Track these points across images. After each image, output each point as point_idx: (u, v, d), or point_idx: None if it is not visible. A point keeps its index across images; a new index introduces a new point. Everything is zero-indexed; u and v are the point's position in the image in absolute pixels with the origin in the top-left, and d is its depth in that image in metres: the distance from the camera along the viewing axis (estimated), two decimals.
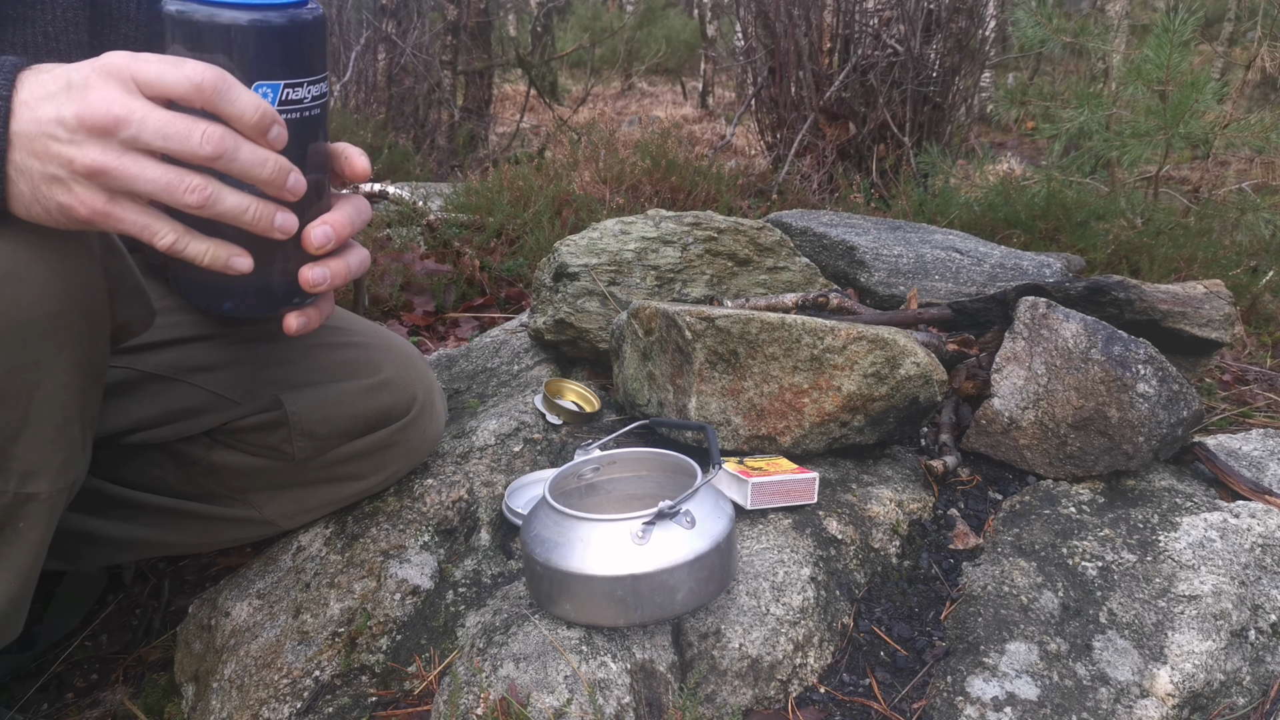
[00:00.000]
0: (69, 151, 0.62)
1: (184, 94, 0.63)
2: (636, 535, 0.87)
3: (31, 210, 0.64)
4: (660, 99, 9.94)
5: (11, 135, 0.62)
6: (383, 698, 0.98)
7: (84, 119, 0.61)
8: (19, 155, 0.62)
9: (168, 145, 0.63)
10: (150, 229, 0.65)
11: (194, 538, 1.15)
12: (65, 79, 0.63)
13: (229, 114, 0.65)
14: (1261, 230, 2.63)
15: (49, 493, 0.81)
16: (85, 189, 0.63)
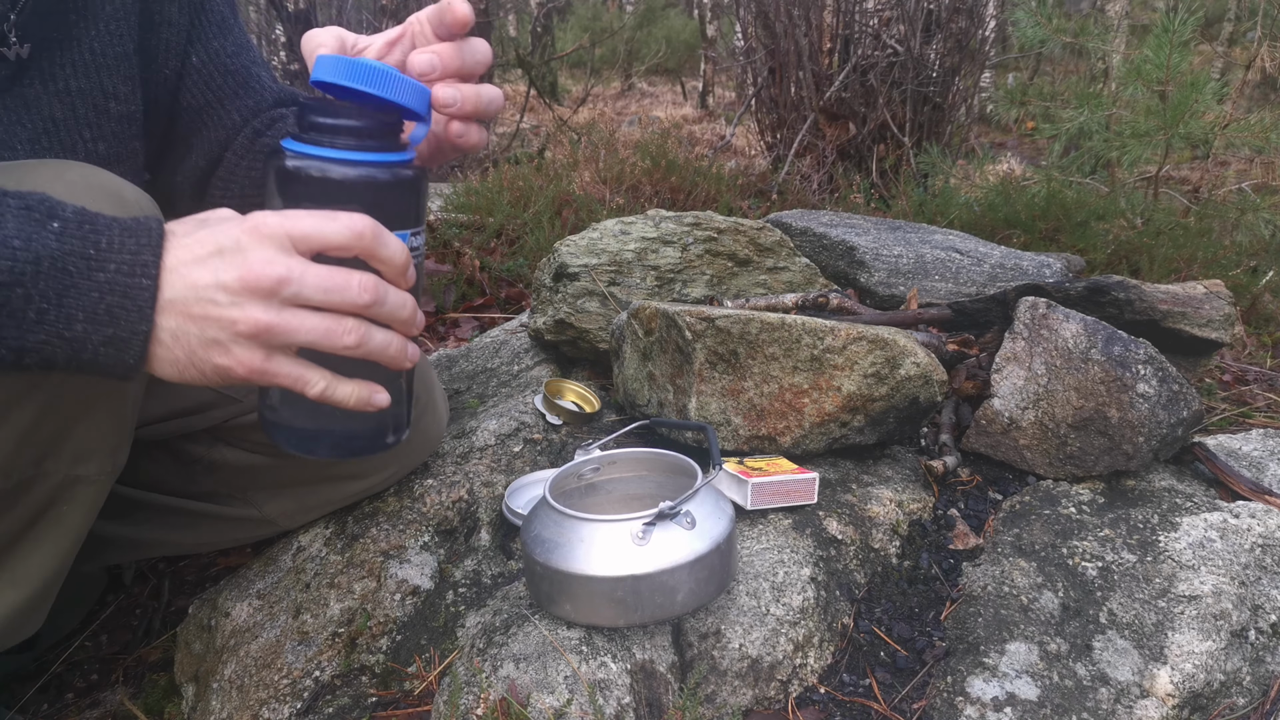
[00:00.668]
0: (231, 314, 0.62)
1: (343, 245, 0.65)
2: (637, 536, 0.87)
3: (185, 374, 0.64)
4: (660, 99, 9.94)
5: (164, 303, 0.62)
6: (383, 698, 0.98)
7: (248, 282, 0.62)
8: (173, 321, 0.63)
9: (328, 298, 0.65)
10: (304, 379, 0.67)
11: (194, 537, 1.15)
12: (214, 243, 0.63)
13: (381, 259, 0.66)
14: (1261, 230, 2.63)
15: (97, 475, 0.82)
16: (245, 349, 0.63)
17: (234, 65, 1.01)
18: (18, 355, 0.59)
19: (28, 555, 0.83)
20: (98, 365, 0.61)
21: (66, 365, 0.61)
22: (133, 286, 0.61)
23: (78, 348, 0.60)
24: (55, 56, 0.84)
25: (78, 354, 0.60)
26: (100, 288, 0.60)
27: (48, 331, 0.59)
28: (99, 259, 0.60)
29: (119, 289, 0.60)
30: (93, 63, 0.86)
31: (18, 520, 0.80)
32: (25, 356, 0.59)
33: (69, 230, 0.60)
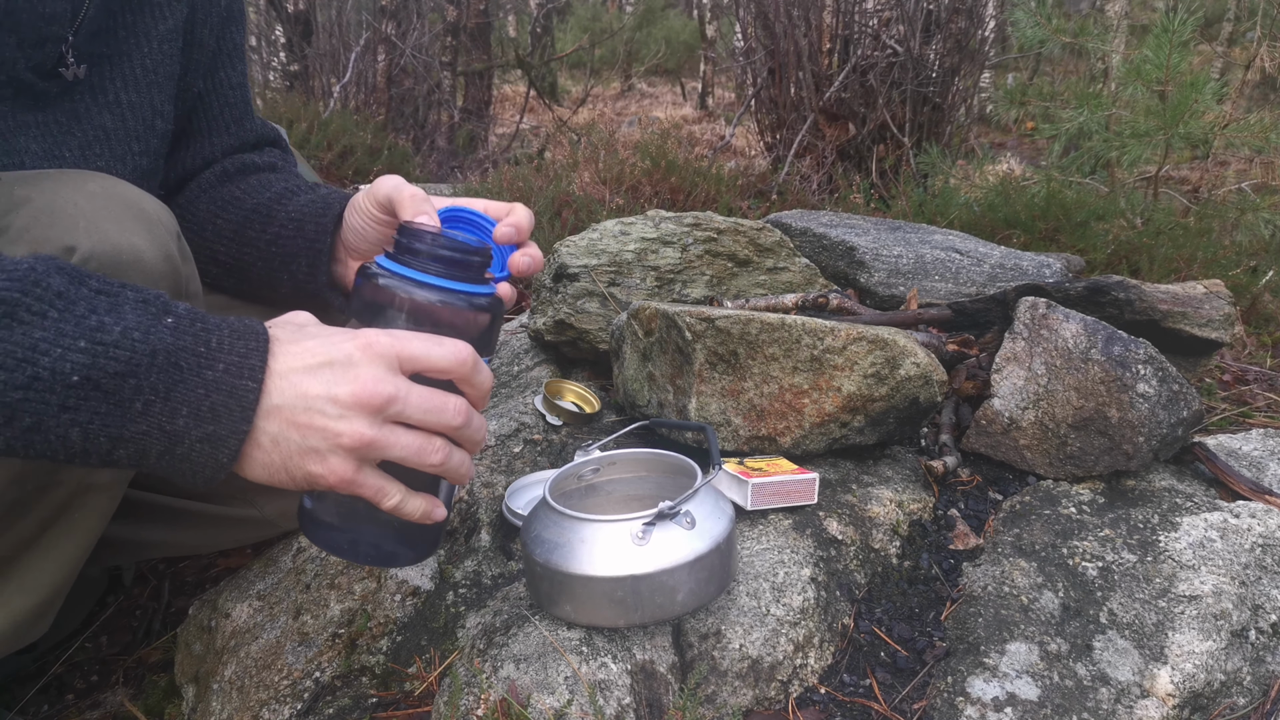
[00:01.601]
0: (338, 426, 0.63)
1: (447, 370, 0.68)
2: (637, 536, 0.87)
3: (274, 476, 0.65)
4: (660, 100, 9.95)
5: (270, 408, 0.63)
6: (383, 699, 0.98)
7: (359, 398, 0.64)
8: (275, 426, 0.63)
9: (425, 419, 0.67)
10: (384, 491, 0.68)
11: (195, 537, 1.15)
12: (325, 354, 0.65)
13: (473, 384, 0.70)
14: (1261, 230, 2.63)
15: (110, 483, 0.83)
16: (341, 459, 0.65)
17: (233, 98, 1.02)
18: (112, 445, 0.59)
19: (39, 562, 0.83)
20: (189, 461, 0.61)
21: (157, 460, 0.60)
22: (238, 387, 0.62)
23: (174, 441, 0.60)
24: (105, 71, 0.85)
25: (172, 448, 0.60)
26: (208, 385, 0.61)
27: (150, 423, 0.59)
28: (209, 357, 0.61)
29: (225, 388, 0.61)
30: (144, 79, 0.88)
31: (30, 527, 0.81)
32: (120, 447, 0.59)
33: (182, 326, 0.61)
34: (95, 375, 0.57)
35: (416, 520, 0.71)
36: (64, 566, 0.85)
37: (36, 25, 0.76)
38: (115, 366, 0.57)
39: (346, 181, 4.00)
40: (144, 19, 0.87)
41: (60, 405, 0.56)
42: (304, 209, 0.92)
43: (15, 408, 0.56)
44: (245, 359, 0.62)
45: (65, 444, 0.58)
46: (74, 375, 0.56)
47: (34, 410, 0.56)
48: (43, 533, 0.82)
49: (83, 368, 0.56)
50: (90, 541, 0.86)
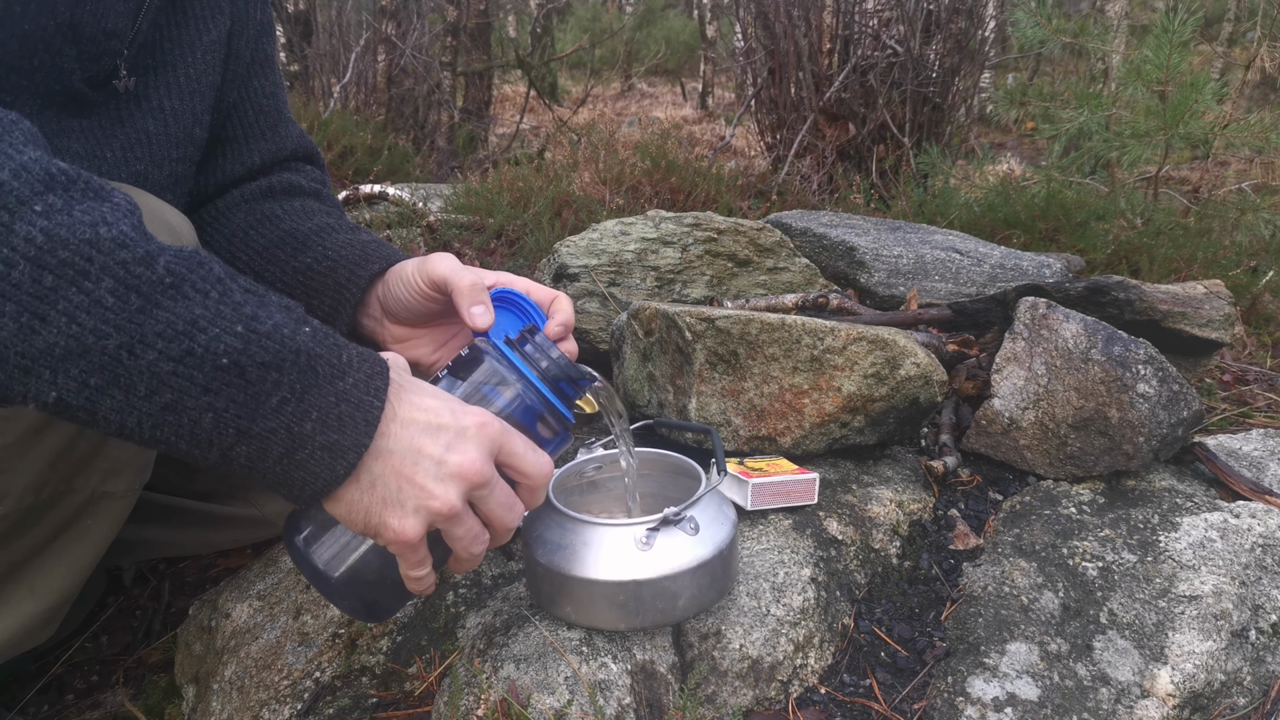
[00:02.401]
0: (435, 489, 0.65)
1: (530, 476, 0.71)
2: (640, 541, 0.87)
3: (351, 515, 0.65)
4: (660, 100, 9.95)
5: (383, 450, 0.64)
6: (383, 699, 0.98)
7: (464, 471, 0.65)
8: (380, 469, 0.64)
9: (495, 513, 0.70)
10: (423, 565, 0.70)
11: (195, 537, 1.15)
12: (444, 419, 0.66)
13: (535, 497, 0.74)
14: (1261, 230, 2.63)
15: (125, 491, 0.83)
16: (417, 520, 0.65)
17: (268, 106, 1.03)
18: (237, 438, 0.58)
19: (49, 568, 0.84)
20: (306, 469, 0.61)
21: (276, 462, 0.60)
22: (365, 404, 0.63)
23: (297, 445, 0.60)
24: (151, 81, 0.86)
25: (294, 451, 0.60)
26: (339, 395, 0.61)
27: (279, 422, 0.59)
28: (341, 370, 0.62)
29: (354, 400, 0.62)
30: (188, 88, 0.89)
31: (43, 533, 0.81)
32: (243, 443, 0.59)
33: (319, 336, 0.62)
34: (244, 362, 0.57)
35: (419, 592, 0.73)
36: (74, 573, 0.85)
37: (98, 39, 0.77)
38: (264, 357, 0.58)
39: (346, 181, 4.00)
40: (189, 32, 0.88)
41: (204, 386, 0.56)
42: (341, 250, 0.92)
43: (162, 380, 0.55)
44: (371, 380, 0.63)
45: (194, 429, 0.57)
46: (224, 358, 0.56)
47: (178, 386, 0.55)
48: (54, 539, 0.82)
49: (234, 352, 0.57)
50: (101, 549, 0.86)
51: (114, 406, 0.55)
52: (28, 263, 0.51)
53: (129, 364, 0.54)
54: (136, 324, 0.54)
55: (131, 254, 0.54)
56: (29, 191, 0.52)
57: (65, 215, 0.53)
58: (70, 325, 0.52)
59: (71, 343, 0.53)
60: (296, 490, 0.63)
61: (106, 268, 0.53)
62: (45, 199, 0.53)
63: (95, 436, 0.78)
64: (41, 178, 0.53)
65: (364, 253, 0.91)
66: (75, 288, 0.52)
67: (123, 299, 0.53)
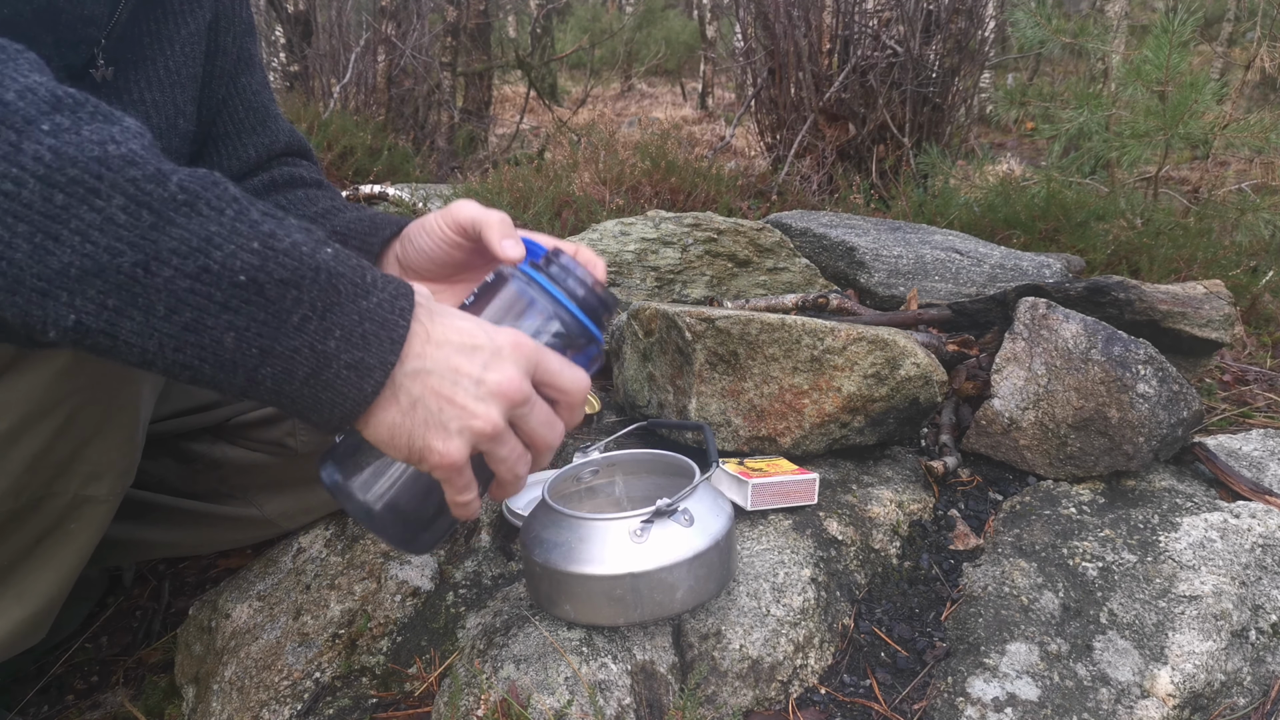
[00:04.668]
0: (476, 408, 0.64)
1: (569, 393, 0.69)
2: (635, 534, 0.87)
3: (395, 440, 0.64)
4: (660, 100, 9.95)
5: (418, 371, 0.63)
6: (383, 699, 0.98)
7: (504, 389, 0.64)
8: (419, 390, 0.63)
9: (537, 431, 0.68)
10: (470, 488, 0.69)
11: (195, 538, 1.15)
12: (478, 339, 0.65)
13: (575, 415, 0.72)
14: (1261, 230, 2.63)
15: (107, 495, 0.83)
16: (461, 442, 0.64)
17: (256, 102, 1.04)
18: (262, 358, 0.58)
19: (35, 572, 0.84)
20: (333, 389, 0.61)
21: (302, 384, 0.59)
22: (390, 322, 0.62)
23: (322, 364, 0.59)
24: (130, 74, 0.85)
25: (319, 371, 0.59)
26: (362, 313, 0.60)
27: (302, 340, 0.58)
28: (364, 289, 0.61)
29: (378, 319, 0.61)
30: (167, 79, 0.88)
31: (26, 538, 0.81)
32: (268, 363, 0.58)
33: (341, 257, 0.61)
34: (262, 279, 0.56)
35: (464, 518, 0.72)
36: (61, 576, 0.85)
37: (75, 26, 0.77)
38: (282, 274, 0.57)
39: (346, 181, 4.00)
40: (167, 26, 0.88)
41: (223, 304, 0.55)
42: (350, 225, 0.93)
43: (181, 298, 0.54)
44: (396, 300, 0.62)
45: (217, 350, 0.56)
46: (241, 275, 0.55)
47: (197, 304, 0.55)
48: (39, 543, 0.82)
49: (251, 269, 0.56)
50: (86, 552, 0.86)
51: (134, 329, 0.54)
52: (37, 181, 0.51)
53: (145, 282, 0.54)
54: (150, 240, 0.54)
55: (141, 171, 0.54)
56: (36, 112, 0.52)
57: (73, 134, 0.53)
58: (84, 244, 0.52)
59: (86, 262, 0.52)
60: (326, 413, 0.62)
61: (117, 185, 0.53)
62: (53, 119, 0.52)
63: (74, 439, 0.78)
64: (48, 99, 0.53)
65: (373, 223, 0.92)
66: (86, 205, 0.52)
67: (135, 216, 0.53)
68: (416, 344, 0.63)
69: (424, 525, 0.75)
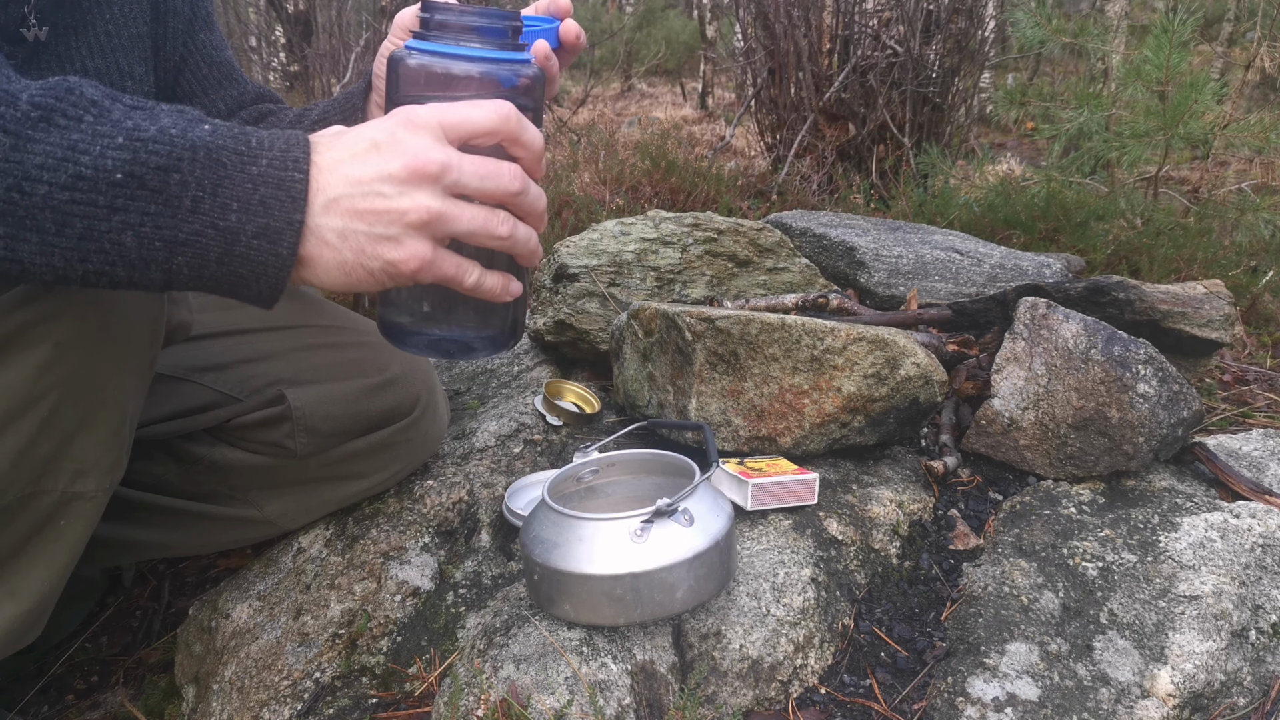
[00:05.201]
0: (401, 204, 0.61)
1: (493, 129, 0.64)
2: (635, 533, 0.87)
3: (352, 275, 0.62)
4: (660, 100, 9.95)
5: (328, 202, 0.61)
6: (383, 699, 0.98)
7: (414, 169, 0.61)
8: (338, 220, 0.61)
9: (483, 185, 0.64)
10: (463, 269, 0.66)
11: (195, 538, 1.15)
12: (367, 139, 0.63)
13: (523, 144, 0.66)
14: (1261, 230, 2.63)
15: (95, 492, 0.83)
16: (415, 240, 0.62)
17: (219, 58, 1.04)
18: (170, 250, 0.57)
19: (25, 570, 0.83)
20: (250, 262, 0.60)
21: (218, 265, 0.59)
22: (285, 179, 0.60)
23: (231, 240, 0.59)
24: (70, 40, 0.85)
25: (230, 248, 0.59)
26: (254, 179, 0.59)
27: (202, 221, 0.58)
28: (251, 155, 0.60)
29: (272, 180, 0.60)
30: (108, 44, 0.88)
31: (15, 536, 0.81)
32: (178, 253, 0.57)
33: (220, 130, 0.60)
34: (138, 170, 0.56)
35: (495, 297, 0.69)
36: (52, 573, 0.84)
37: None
38: (157, 160, 0.56)
39: None
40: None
41: (109, 206, 0.55)
42: (325, 109, 0.94)
43: (64, 211, 0.55)
44: (288, 153, 0.61)
45: (121, 252, 0.56)
46: (117, 173, 0.55)
47: (83, 213, 0.55)
48: (29, 540, 0.82)
49: (124, 164, 0.56)
50: (78, 549, 0.86)
51: (34, 250, 0.55)
52: None
53: (25, 204, 0.54)
54: (15, 162, 0.54)
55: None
56: None
57: None
58: None
59: None
60: (254, 287, 0.61)
61: None
62: None
63: (57, 435, 0.78)
64: None
65: (345, 98, 0.93)
66: None
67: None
68: (314, 180, 0.61)
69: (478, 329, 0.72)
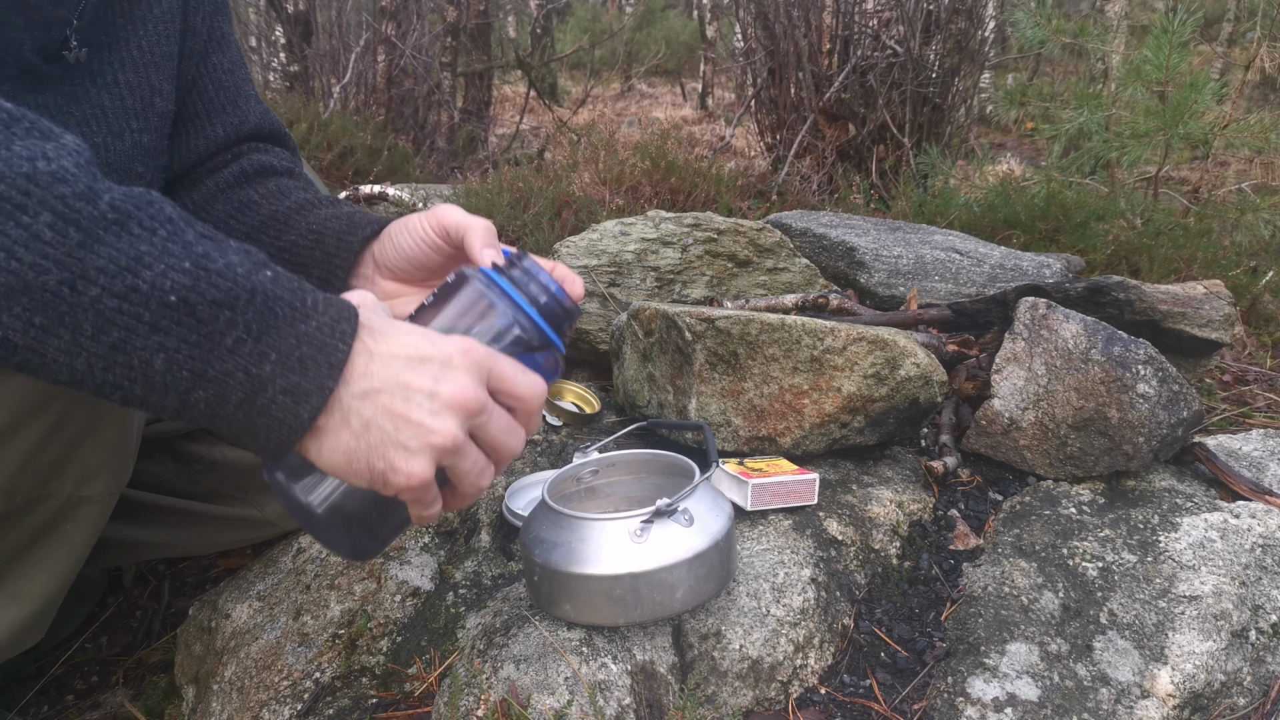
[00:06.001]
0: (433, 423, 0.62)
1: (525, 400, 0.68)
2: (635, 534, 0.87)
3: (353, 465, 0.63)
4: (660, 100, 9.95)
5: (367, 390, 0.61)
6: (383, 699, 0.98)
7: (459, 400, 0.63)
8: (370, 411, 0.62)
9: (499, 439, 0.67)
10: (436, 502, 0.68)
11: (195, 538, 1.15)
12: (425, 350, 0.63)
13: (533, 423, 0.70)
14: (1261, 230, 2.63)
15: (101, 496, 0.83)
16: (423, 459, 0.63)
17: (227, 82, 1.04)
18: (194, 381, 0.57)
19: (31, 572, 0.84)
20: (269, 415, 0.59)
21: (236, 408, 0.58)
22: (329, 345, 0.61)
23: (257, 388, 0.58)
24: (104, 56, 0.86)
25: (254, 396, 0.58)
26: (299, 336, 0.59)
27: (236, 363, 0.57)
28: (303, 312, 0.60)
29: (316, 342, 0.60)
30: (140, 59, 0.89)
31: (21, 539, 0.81)
32: (200, 386, 0.57)
33: (280, 280, 0.60)
34: (193, 300, 0.55)
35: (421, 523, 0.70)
36: (57, 577, 0.85)
37: (44, 8, 0.77)
38: (215, 294, 0.56)
39: (346, 181, 4.00)
40: (140, 6, 0.89)
41: (151, 325, 0.55)
42: (325, 224, 0.93)
43: (107, 317, 0.54)
44: (337, 323, 0.61)
45: (146, 372, 0.55)
46: (172, 295, 0.55)
47: (124, 324, 0.54)
48: (34, 543, 0.82)
49: (182, 289, 0.55)
50: (83, 553, 0.86)
51: (61, 347, 0.54)
52: None
53: (71, 300, 0.53)
54: (77, 259, 0.53)
55: (71, 189, 0.53)
56: None
57: (4, 149, 0.52)
58: (9, 261, 0.51)
59: (11, 279, 0.52)
60: (263, 439, 0.61)
61: (44, 202, 0.52)
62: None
63: (65, 440, 0.78)
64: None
65: (351, 222, 0.92)
66: (13, 222, 0.52)
67: (61, 233, 0.53)
68: (360, 363, 0.61)
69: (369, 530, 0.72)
